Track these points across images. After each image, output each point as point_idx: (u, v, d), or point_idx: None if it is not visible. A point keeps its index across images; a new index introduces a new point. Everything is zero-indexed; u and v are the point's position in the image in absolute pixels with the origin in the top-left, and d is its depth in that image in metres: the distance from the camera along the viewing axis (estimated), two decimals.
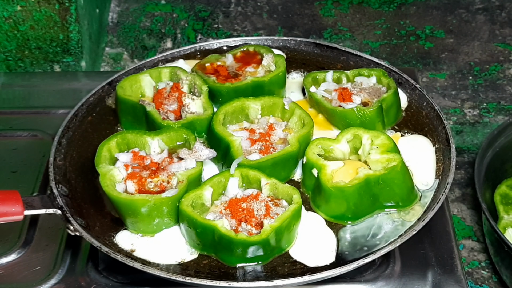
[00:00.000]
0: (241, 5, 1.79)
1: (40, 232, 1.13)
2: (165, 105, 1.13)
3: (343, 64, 1.25)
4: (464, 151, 1.44)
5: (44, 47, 1.50)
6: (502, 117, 1.51)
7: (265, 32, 1.71)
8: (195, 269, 0.97)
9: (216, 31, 1.72)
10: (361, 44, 1.68)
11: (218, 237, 0.95)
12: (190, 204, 0.98)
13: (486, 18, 1.74)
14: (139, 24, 1.74)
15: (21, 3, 1.43)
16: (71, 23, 1.47)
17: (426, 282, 1.06)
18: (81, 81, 1.45)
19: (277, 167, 1.04)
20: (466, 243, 1.29)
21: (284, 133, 1.08)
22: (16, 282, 1.06)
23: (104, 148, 1.04)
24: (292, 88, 1.22)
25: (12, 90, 1.43)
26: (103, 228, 1.02)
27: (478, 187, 1.19)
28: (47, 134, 1.28)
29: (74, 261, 1.08)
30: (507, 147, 1.29)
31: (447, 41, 1.69)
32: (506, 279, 1.18)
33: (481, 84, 1.59)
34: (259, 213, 0.98)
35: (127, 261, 0.96)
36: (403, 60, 1.64)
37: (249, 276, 0.97)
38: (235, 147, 1.04)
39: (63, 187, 1.05)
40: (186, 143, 1.06)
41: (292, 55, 1.27)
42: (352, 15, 1.76)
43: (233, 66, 1.20)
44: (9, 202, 0.96)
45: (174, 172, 1.01)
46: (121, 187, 1.00)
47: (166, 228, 1.02)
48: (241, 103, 1.11)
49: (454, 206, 1.34)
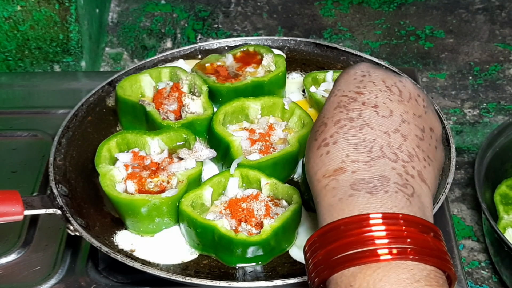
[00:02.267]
0: (241, 5, 1.79)
1: (40, 232, 1.13)
2: (165, 105, 1.13)
3: (343, 64, 1.25)
4: (464, 151, 1.44)
5: (44, 47, 1.50)
6: (502, 117, 1.51)
7: (265, 32, 1.71)
8: (195, 269, 0.97)
9: (216, 31, 1.72)
10: (361, 44, 1.68)
11: (218, 237, 0.95)
12: (190, 204, 0.98)
13: (486, 18, 1.74)
14: (139, 24, 1.74)
15: (21, 3, 1.43)
16: (71, 23, 1.47)
17: None
18: (81, 81, 1.45)
19: (277, 167, 1.04)
20: (466, 243, 1.29)
21: (284, 133, 1.08)
22: (16, 282, 1.06)
23: (104, 148, 1.04)
24: (292, 88, 1.22)
25: (12, 90, 1.43)
26: (103, 228, 1.02)
27: (478, 187, 1.19)
28: (47, 134, 1.28)
29: (74, 261, 1.08)
30: (507, 147, 1.29)
31: (447, 41, 1.69)
32: (506, 279, 1.18)
33: (481, 84, 1.59)
34: (259, 213, 0.98)
35: (127, 261, 0.96)
36: (403, 60, 1.64)
37: (249, 276, 0.97)
38: (235, 147, 1.04)
39: (63, 187, 1.05)
40: (186, 143, 1.06)
41: (292, 55, 1.27)
42: (352, 15, 1.76)
43: (233, 66, 1.20)
44: (9, 202, 0.96)
45: (174, 172, 1.01)
46: (121, 187, 1.00)
47: (166, 228, 1.02)
48: (241, 103, 1.11)
49: (454, 206, 1.34)
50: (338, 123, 0.72)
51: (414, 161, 0.70)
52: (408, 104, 0.74)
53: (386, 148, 0.70)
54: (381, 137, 0.70)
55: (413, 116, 0.74)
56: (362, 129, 0.71)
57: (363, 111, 0.72)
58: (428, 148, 0.73)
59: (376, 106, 0.72)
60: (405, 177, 0.69)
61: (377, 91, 0.74)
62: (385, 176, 0.68)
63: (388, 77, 0.76)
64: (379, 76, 0.76)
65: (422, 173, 0.71)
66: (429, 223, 0.67)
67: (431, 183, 0.72)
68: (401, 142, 0.71)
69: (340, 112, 0.73)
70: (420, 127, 0.73)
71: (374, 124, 0.71)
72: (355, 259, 0.64)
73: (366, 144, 0.70)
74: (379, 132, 0.71)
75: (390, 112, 0.72)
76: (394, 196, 0.67)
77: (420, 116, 0.74)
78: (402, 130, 0.72)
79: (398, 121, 0.72)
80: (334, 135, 0.71)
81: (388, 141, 0.70)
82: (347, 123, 0.71)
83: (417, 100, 0.75)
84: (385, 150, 0.70)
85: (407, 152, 0.70)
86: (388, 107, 0.73)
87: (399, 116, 0.72)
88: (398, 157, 0.69)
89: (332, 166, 0.70)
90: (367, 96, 0.73)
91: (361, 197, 0.67)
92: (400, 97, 0.74)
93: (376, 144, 0.70)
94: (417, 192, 0.69)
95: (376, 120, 0.71)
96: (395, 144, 0.70)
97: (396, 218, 0.65)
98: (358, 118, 0.71)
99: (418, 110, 0.75)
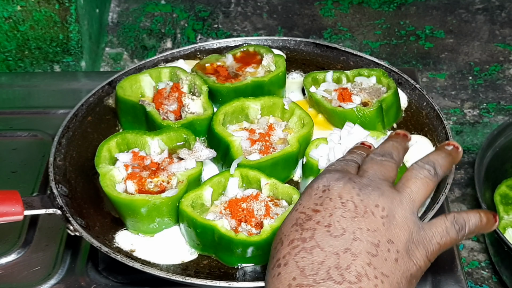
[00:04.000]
0: (241, 5, 1.79)
1: (40, 232, 1.13)
2: (165, 105, 1.13)
3: (343, 64, 1.25)
4: (464, 151, 1.44)
5: (44, 47, 1.50)
6: (502, 117, 1.51)
7: (265, 32, 1.71)
8: (195, 269, 0.98)
9: (216, 31, 1.72)
10: (361, 44, 1.68)
11: (218, 237, 0.95)
12: (190, 204, 0.98)
13: (486, 18, 1.74)
14: (139, 24, 1.74)
15: (21, 3, 1.43)
16: (71, 23, 1.47)
17: (426, 282, 1.05)
18: (81, 81, 1.45)
19: (277, 167, 1.04)
20: (466, 243, 1.29)
21: (284, 133, 1.08)
22: (16, 282, 1.06)
23: (104, 148, 1.04)
24: (292, 88, 1.22)
25: (12, 90, 1.43)
26: (103, 228, 1.02)
27: (478, 187, 1.19)
28: (47, 134, 1.28)
29: (74, 261, 1.08)
30: (507, 147, 1.29)
31: (447, 41, 1.69)
32: (506, 279, 1.18)
33: (481, 84, 1.59)
34: (259, 213, 0.98)
35: (127, 261, 0.96)
36: (403, 60, 1.64)
37: (249, 276, 0.97)
38: (235, 147, 1.05)
39: (63, 187, 1.05)
40: (186, 143, 1.06)
41: (292, 55, 1.27)
42: (352, 15, 1.76)
43: (233, 66, 1.20)
44: (9, 202, 0.96)
45: (174, 172, 1.01)
46: (121, 187, 1.00)
47: (166, 228, 1.02)
48: (241, 103, 1.11)
49: (454, 206, 1.34)
50: (292, 243, 0.73)
51: (363, 282, 0.70)
52: (362, 220, 0.73)
53: (333, 270, 0.70)
54: (330, 258, 0.70)
55: (367, 231, 0.73)
56: (313, 251, 0.71)
57: (316, 231, 0.73)
58: (382, 263, 0.72)
59: (329, 225, 0.73)
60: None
61: (332, 208, 0.74)
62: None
63: (345, 191, 0.75)
64: (336, 191, 0.76)
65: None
66: None
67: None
68: (350, 262, 0.71)
69: (296, 231, 0.74)
70: (375, 242, 0.72)
71: (325, 245, 0.71)
72: None
73: (314, 267, 0.70)
74: (329, 253, 0.71)
75: (343, 230, 0.72)
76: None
77: (375, 230, 0.73)
78: (353, 248, 0.71)
79: (350, 240, 0.72)
80: (286, 256, 0.72)
81: (336, 262, 0.70)
82: (299, 243, 0.72)
83: (373, 212, 0.74)
84: (332, 272, 0.70)
85: (356, 272, 0.70)
86: (341, 225, 0.73)
87: (351, 234, 0.72)
88: (345, 279, 0.69)
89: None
90: (322, 214, 0.74)
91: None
92: (355, 213, 0.74)
93: (323, 266, 0.70)
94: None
95: (327, 241, 0.72)
96: (343, 265, 0.70)
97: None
98: (310, 238, 0.72)
99: (373, 223, 0.73)
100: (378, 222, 0.74)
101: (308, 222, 0.74)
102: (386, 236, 0.73)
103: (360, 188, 0.76)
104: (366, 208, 0.74)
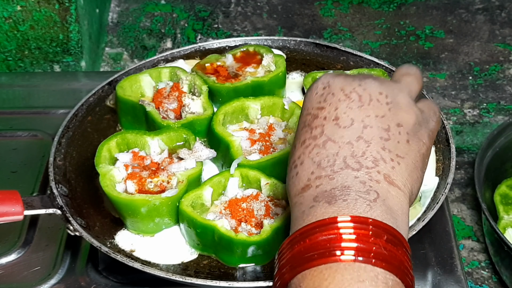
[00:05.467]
0: (241, 5, 1.79)
1: (40, 232, 1.13)
2: (165, 105, 1.13)
3: (343, 64, 1.25)
4: (464, 151, 1.44)
5: (44, 47, 1.50)
6: (502, 117, 1.51)
7: (265, 32, 1.71)
8: (195, 269, 0.98)
9: (216, 31, 1.72)
10: (361, 44, 1.68)
11: (218, 237, 0.95)
12: (190, 204, 0.98)
13: (486, 18, 1.74)
14: (139, 24, 1.74)
15: (21, 3, 1.43)
16: (71, 23, 1.47)
17: (426, 282, 1.06)
18: (81, 81, 1.45)
19: (277, 167, 1.04)
20: (466, 243, 1.29)
21: (284, 133, 1.08)
22: (16, 282, 1.06)
23: (104, 148, 1.04)
24: (292, 88, 1.22)
25: (12, 90, 1.43)
26: (103, 228, 1.02)
27: (478, 187, 1.19)
28: (47, 134, 1.28)
29: (74, 261, 1.08)
30: (507, 147, 1.29)
31: (447, 41, 1.69)
32: (506, 279, 1.18)
33: (481, 84, 1.59)
34: (259, 213, 0.98)
35: (127, 261, 0.96)
36: (403, 60, 1.64)
37: (249, 276, 0.97)
38: (235, 147, 1.05)
39: (63, 187, 1.05)
40: (186, 143, 1.06)
41: (292, 55, 1.27)
42: (352, 15, 1.76)
43: (233, 66, 1.20)
44: (9, 202, 0.96)
45: (174, 172, 1.01)
46: (121, 187, 1.00)
47: (166, 228, 1.02)
48: (241, 103, 1.11)
49: (454, 206, 1.34)
50: (304, 144, 0.75)
51: (380, 165, 0.72)
52: (369, 107, 0.75)
53: (349, 159, 0.72)
54: (344, 148, 0.73)
55: (376, 118, 0.74)
56: (326, 145, 0.73)
57: (325, 126, 0.74)
58: (396, 146, 0.74)
59: (337, 118, 0.74)
60: (369, 183, 0.71)
61: (336, 102, 0.75)
62: (346, 186, 0.70)
63: (347, 84, 0.76)
64: (338, 85, 0.76)
65: (390, 175, 0.72)
66: (386, 225, 0.68)
67: (402, 182, 0.73)
68: (364, 149, 0.72)
69: (306, 132, 0.76)
70: (385, 127, 0.74)
71: (336, 137, 0.73)
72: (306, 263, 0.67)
73: (330, 159, 0.72)
74: (342, 144, 0.73)
75: (352, 120, 0.74)
76: (352, 204, 0.69)
77: (384, 116, 0.74)
78: (365, 136, 0.73)
79: (360, 128, 0.73)
80: (301, 156, 0.75)
81: (351, 151, 0.72)
82: (311, 142, 0.74)
83: (378, 99, 0.75)
84: (348, 160, 0.72)
85: (372, 157, 0.72)
86: (349, 116, 0.74)
87: (360, 123, 0.74)
88: (362, 165, 0.71)
89: (300, 185, 0.74)
90: (328, 110, 0.75)
91: (319, 207, 0.70)
92: (360, 102, 0.75)
93: (339, 157, 0.72)
94: (382, 196, 0.71)
95: (338, 133, 0.73)
96: (358, 153, 0.72)
97: (347, 221, 0.68)
98: (321, 135, 0.74)
99: (380, 110, 0.75)
100: (384, 108, 0.75)
101: (315, 120, 0.75)
102: (395, 121, 0.75)
103: (360, 79, 0.77)
104: (370, 96, 0.75)
